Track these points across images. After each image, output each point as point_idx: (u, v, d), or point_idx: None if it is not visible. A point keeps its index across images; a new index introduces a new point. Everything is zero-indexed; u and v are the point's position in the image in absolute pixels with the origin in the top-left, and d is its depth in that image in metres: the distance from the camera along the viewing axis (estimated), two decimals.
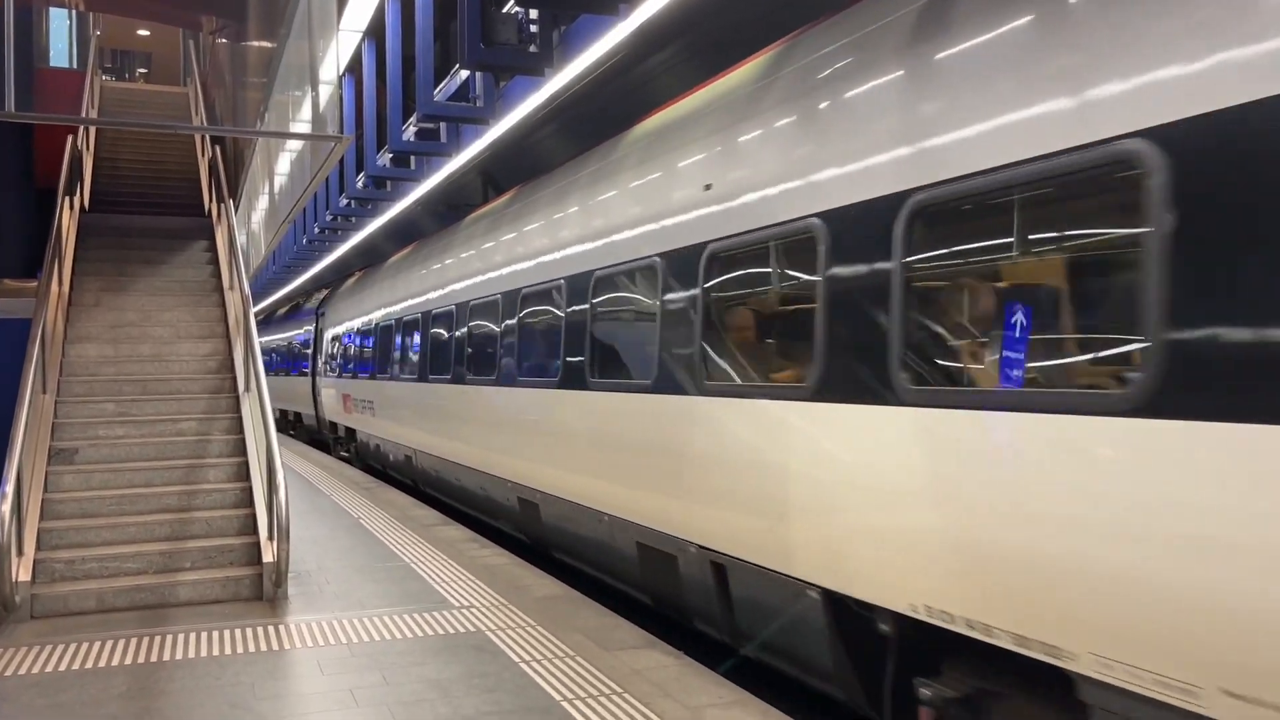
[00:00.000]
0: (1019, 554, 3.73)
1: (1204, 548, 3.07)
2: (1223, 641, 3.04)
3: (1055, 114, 3.65)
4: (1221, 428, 3.05)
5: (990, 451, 3.89)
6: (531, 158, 14.32)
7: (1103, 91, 3.48)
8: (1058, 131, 3.62)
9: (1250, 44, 3.03)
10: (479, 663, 5.68)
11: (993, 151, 3.93)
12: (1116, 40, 3.46)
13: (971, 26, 4.24)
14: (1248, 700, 2.95)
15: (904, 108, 4.52)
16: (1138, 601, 3.27)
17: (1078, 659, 3.53)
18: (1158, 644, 3.23)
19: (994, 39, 4.06)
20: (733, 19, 9.15)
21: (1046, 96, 3.71)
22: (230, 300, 11.23)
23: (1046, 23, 3.80)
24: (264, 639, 6.24)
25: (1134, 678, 3.31)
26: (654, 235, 6.66)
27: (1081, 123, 3.52)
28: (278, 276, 28.44)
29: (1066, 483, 3.55)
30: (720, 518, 5.77)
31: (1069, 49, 3.64)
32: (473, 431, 10.48)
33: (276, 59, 7.86)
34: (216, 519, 8.03)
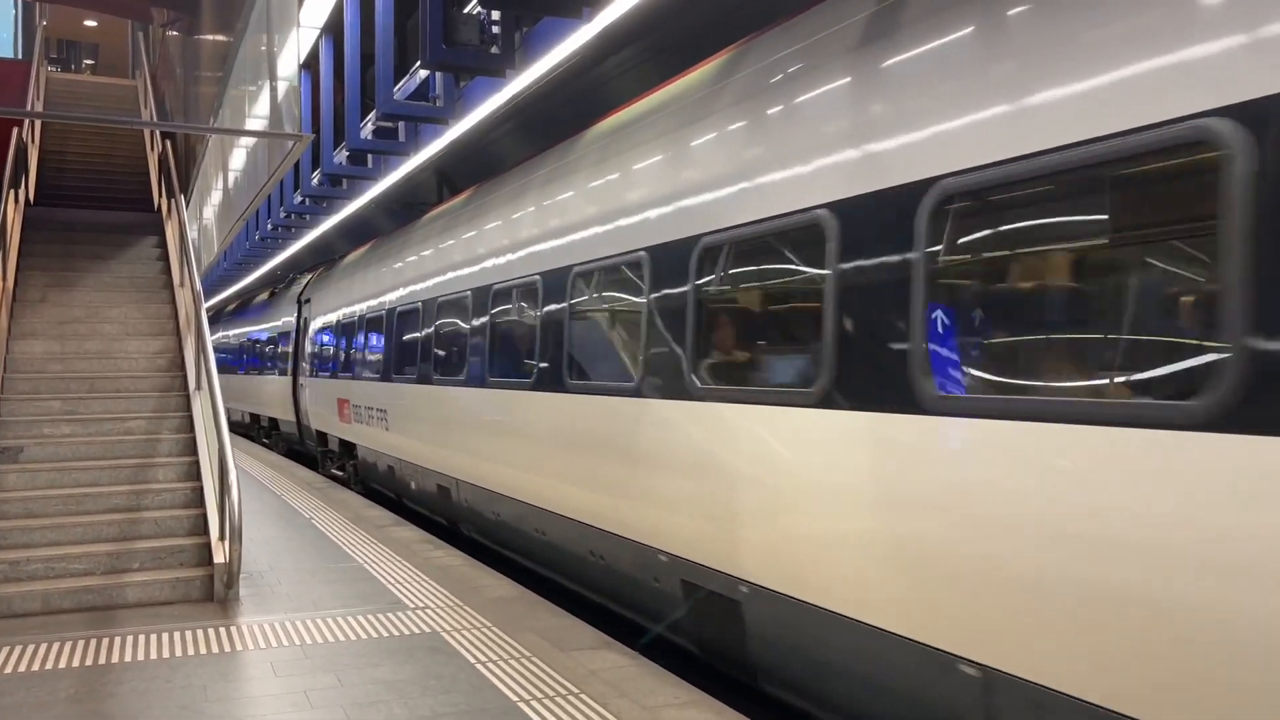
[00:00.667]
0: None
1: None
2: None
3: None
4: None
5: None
6: (488, 157, 14.27)
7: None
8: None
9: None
10: (434, 664, 5.66)
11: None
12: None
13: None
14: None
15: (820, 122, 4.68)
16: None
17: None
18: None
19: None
20: (688, 23, 9.21)
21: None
22: (181, 297, 11.07)
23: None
24: (215, 640, 6.16)
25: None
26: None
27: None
28: (229, 274, 28.01)
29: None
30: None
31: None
32: (588, 466, 6.95)
33: (233, 53, 7.77)
34: (166, 519, 7.91)
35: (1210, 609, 2.96)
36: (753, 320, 5.50)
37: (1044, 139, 3.54)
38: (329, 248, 22.01)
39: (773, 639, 5.13)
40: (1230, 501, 2.89)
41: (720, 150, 5.63)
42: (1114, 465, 3.20)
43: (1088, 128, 3.36)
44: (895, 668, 4.26)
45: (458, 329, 9.80)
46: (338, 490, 13.26)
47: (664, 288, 6.04)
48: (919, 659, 4.10)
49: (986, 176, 3.76)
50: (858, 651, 4.47)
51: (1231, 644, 2.92)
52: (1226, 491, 2.90)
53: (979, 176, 3.80)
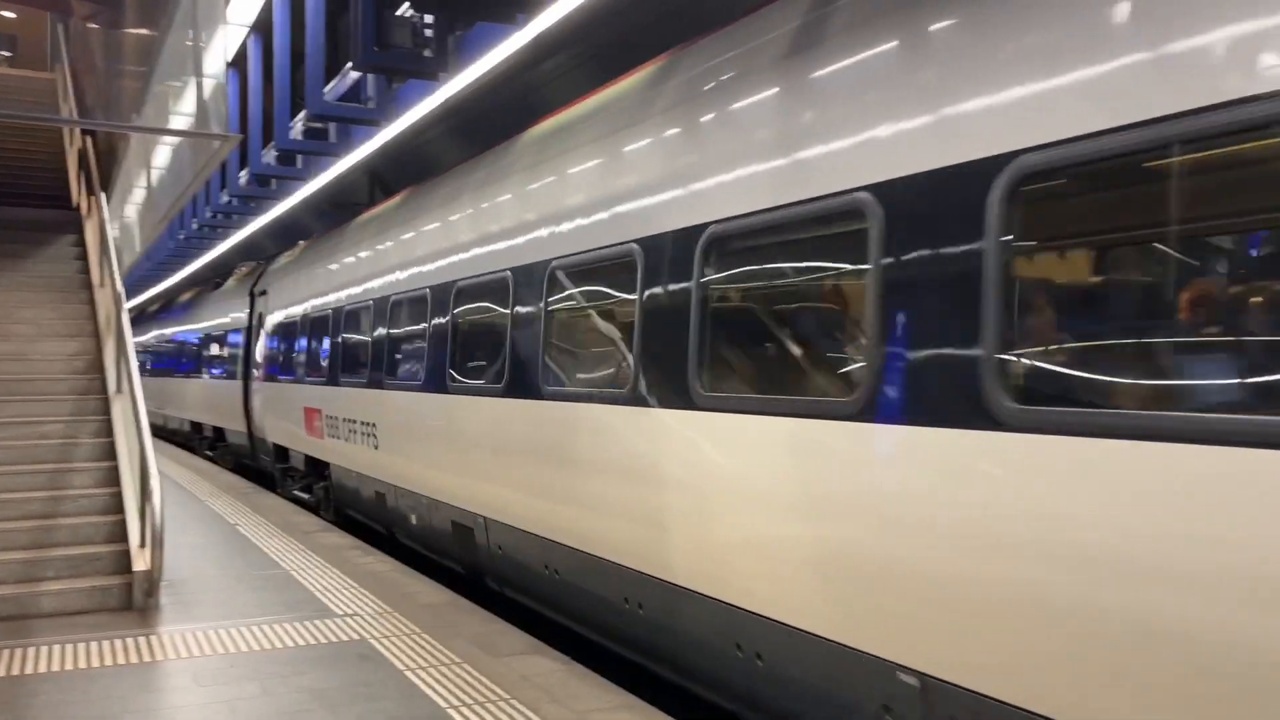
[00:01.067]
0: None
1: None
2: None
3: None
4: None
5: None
6: (421, 159, 14.14)
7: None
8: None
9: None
10: (362, 671, 5.59)
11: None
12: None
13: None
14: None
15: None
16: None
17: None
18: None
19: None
20: (622, 27, 9.26)
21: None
22: (100, 298, 10.77)
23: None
24: (135, 650, 6.01)
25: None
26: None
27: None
28: (153, 273, 27.30)
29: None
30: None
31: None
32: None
33: (158, 50, 7.59)
34: (83, 526, 7.69)
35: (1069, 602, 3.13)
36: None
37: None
38: (257, 247, 21.59)
39: None
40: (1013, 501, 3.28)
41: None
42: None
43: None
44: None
45: (495, 323, 7.28)
46: (264, 495, 13.01)
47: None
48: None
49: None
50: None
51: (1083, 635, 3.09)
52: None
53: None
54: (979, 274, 3.44)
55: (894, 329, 3.81)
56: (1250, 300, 2.95)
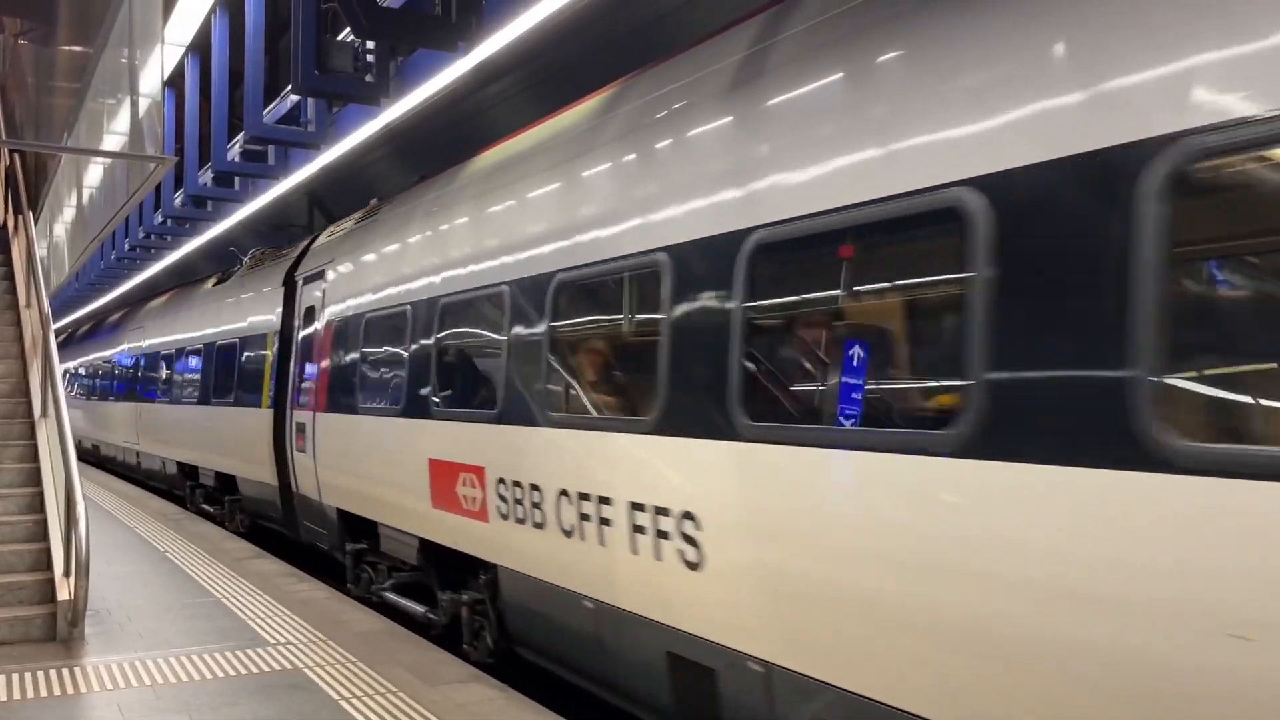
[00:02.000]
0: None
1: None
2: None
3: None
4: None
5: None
6: (362, 181, 14.05)
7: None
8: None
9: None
10: (295, 702, 5.49)
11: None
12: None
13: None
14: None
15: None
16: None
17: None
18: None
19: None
20: (564, 54, 9.34)
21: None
22: (27, 319, 10.50)
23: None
24: (57, 682, 5.83)
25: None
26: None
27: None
28: (81, 294, 26.63)
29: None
30: None
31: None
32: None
33: (91, 68, 7.46)
34: (5, 554, 7.45)
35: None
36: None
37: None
38: (191, 268, 21.22)
39: None
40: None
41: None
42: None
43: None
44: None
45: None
46: (195, 522, 12.71)
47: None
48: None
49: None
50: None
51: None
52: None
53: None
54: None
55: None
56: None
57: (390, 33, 7.28)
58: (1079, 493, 2.94)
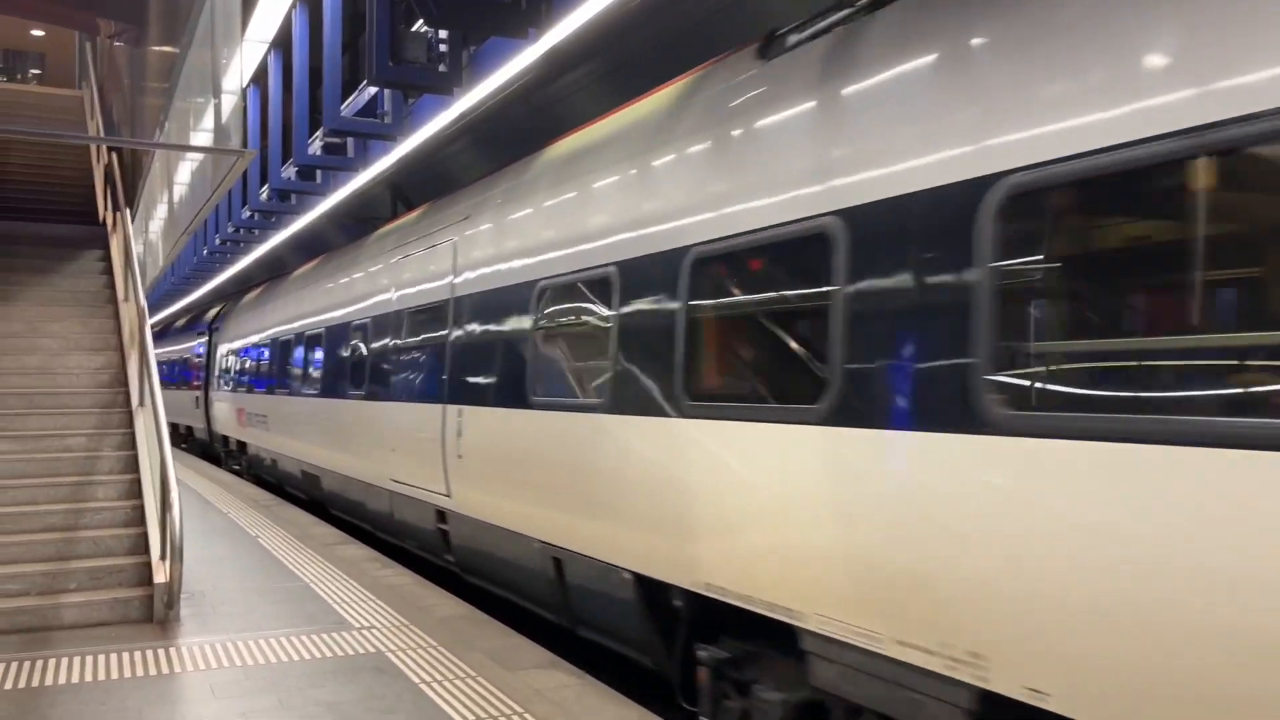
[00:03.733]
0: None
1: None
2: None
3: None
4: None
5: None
6: (442, 172, 14.24)
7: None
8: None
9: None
10: (378, 684, 5.61)
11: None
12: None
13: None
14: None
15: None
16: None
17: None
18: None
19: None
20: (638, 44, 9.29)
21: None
22: (125, 312, 10.89)
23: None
24: (153, 662, 6.05)
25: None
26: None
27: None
28: (176, 288, 27.59)
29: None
30: None
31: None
32: None
33: (178, 67, 7.70)
34: (105, 538, 7.76)
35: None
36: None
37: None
38: (279, 262, 21.79)
39: None
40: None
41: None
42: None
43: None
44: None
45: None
46: (285, 508, 13.09)
47: None
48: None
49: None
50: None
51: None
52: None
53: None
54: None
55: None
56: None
57: (461, 21, 7.34)
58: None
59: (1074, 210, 3.53)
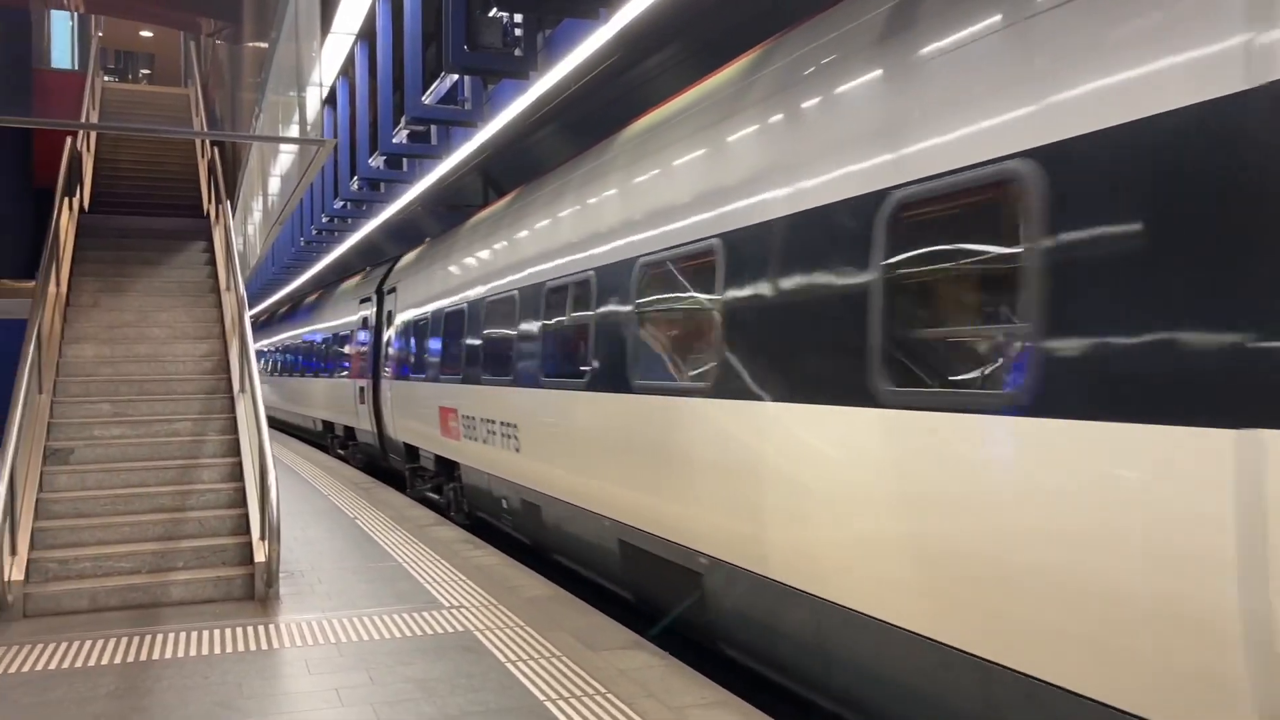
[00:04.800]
0: None
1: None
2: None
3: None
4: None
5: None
6: (532, 158, 14.33)
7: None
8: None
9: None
10: (465, 662, 5.71)
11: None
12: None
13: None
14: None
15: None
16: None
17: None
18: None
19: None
20: (724, 22, 9.17)
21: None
22: (227, 301, 11.29)
23: None
24: (253, 638, 6.28)
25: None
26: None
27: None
28: (277, 277, 28.48)
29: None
30: None
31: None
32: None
33: (268, 61, 7.91)
34: (209, 519, 8.08)
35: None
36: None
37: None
38: (375, 249, 22.29)
39: None
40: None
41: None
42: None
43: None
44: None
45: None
46: (383, 490, 13.42)
47: None
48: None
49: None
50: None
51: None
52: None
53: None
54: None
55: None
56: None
57: (531, 3, 7.35)
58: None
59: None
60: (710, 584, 5.79)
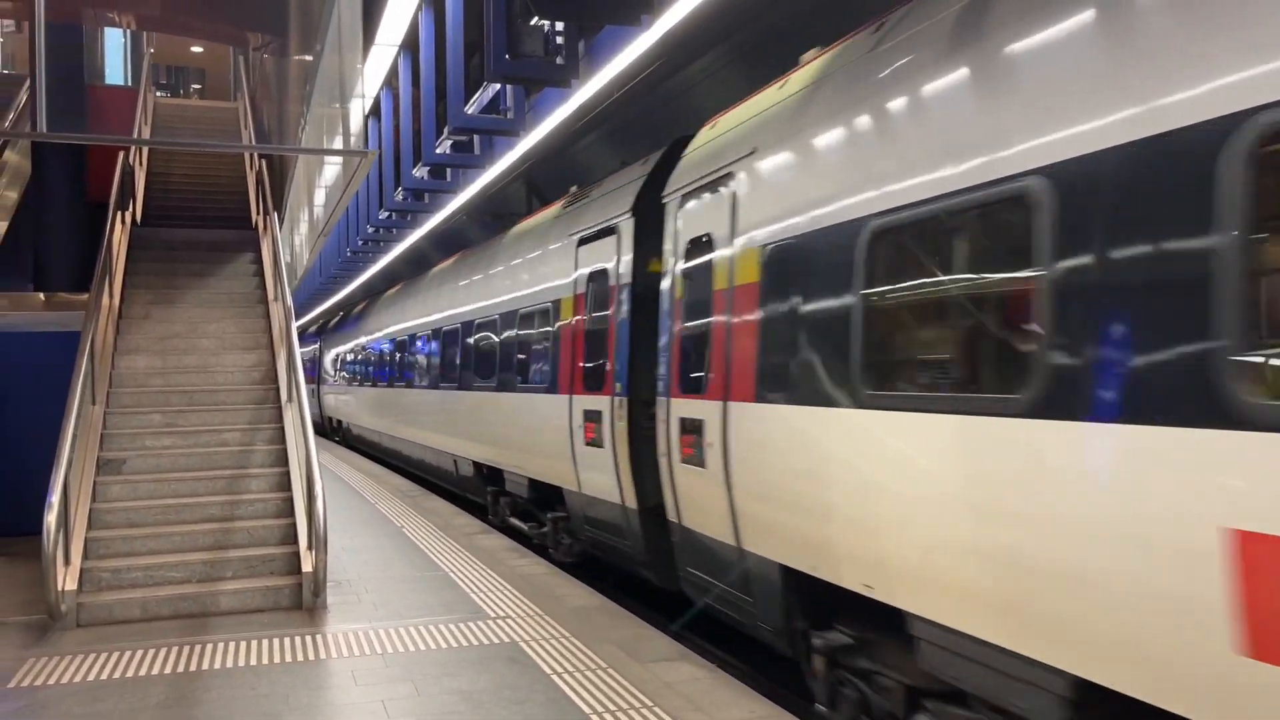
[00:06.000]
0: None
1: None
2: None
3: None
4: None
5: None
6: (575, 166, 14.33)
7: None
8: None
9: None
10: (511, 674, 5.68)
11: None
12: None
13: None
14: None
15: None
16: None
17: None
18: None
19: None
20: (767, 25, 9.09)
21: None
22: (274, 312, 11.40)
23: None
24: (301, 649, 6.30)
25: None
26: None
27: None
28: (324, 287, 28.81)
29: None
30: None
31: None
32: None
33: (313, 74, 7.98)
34: (258, 528, 8.14)
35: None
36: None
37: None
38: (422, 260, 22.46)
39: None
40: None
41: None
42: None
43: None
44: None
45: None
46: (429, 499, 13.47)
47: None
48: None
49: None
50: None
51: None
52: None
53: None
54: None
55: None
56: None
57: (571, 12, 7.33)
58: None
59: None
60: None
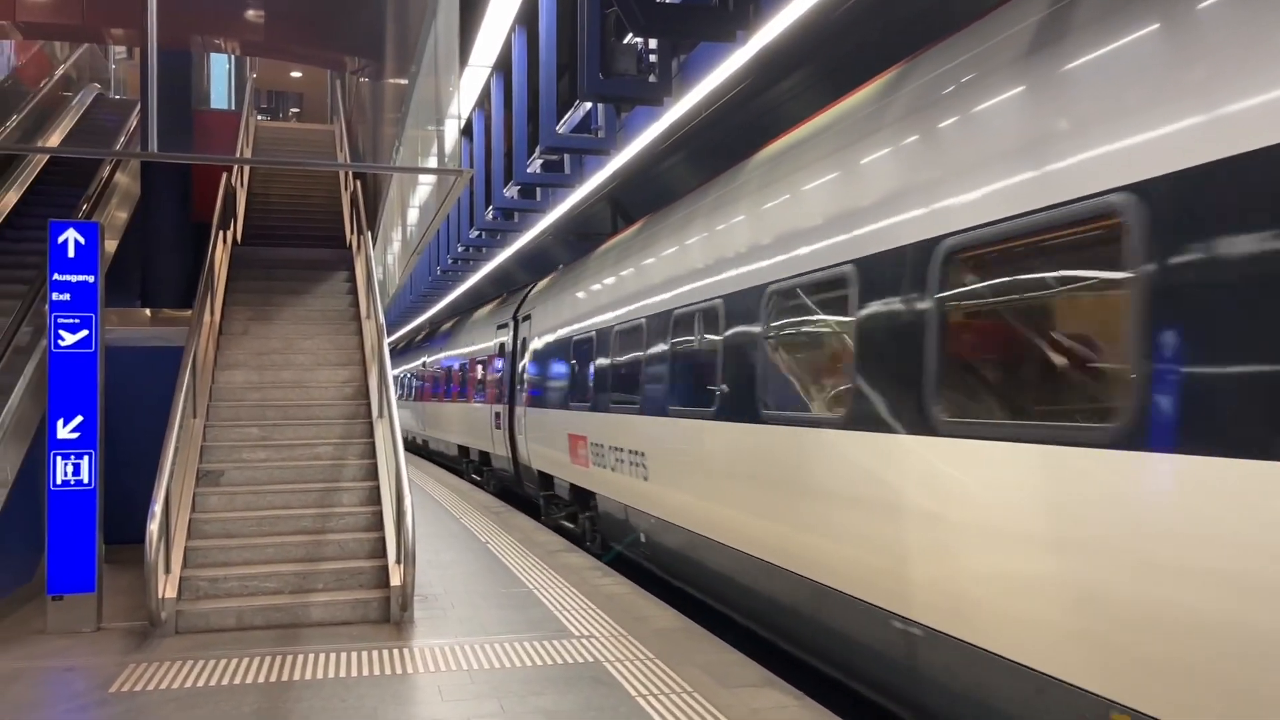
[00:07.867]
0: None
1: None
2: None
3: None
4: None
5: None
6: (660, 186, 14.36)
7: None
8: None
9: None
10: (595, 695, 5.64)
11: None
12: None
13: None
14: None
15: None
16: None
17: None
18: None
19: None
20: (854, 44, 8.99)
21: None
22: (367, 329, 11.63)
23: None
24: (389, 662, 6.36)
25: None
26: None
27: None
28: (414, 305, 29.38)
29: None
30: None
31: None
32: None
33: (408, 96, 8.15)
34: (348, 541, 8.27)
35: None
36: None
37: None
38: (507, 278, 22.75)
39: None
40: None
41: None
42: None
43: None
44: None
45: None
46: (514, 515, 13.56)
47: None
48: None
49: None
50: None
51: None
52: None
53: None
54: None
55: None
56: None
57: (667, 28, 7.33)
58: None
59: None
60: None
